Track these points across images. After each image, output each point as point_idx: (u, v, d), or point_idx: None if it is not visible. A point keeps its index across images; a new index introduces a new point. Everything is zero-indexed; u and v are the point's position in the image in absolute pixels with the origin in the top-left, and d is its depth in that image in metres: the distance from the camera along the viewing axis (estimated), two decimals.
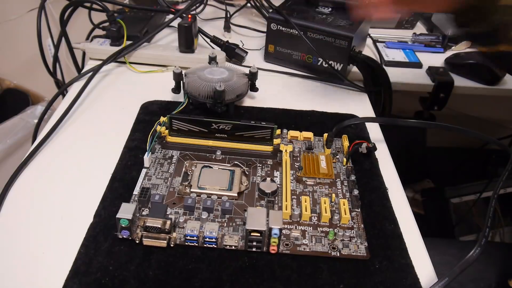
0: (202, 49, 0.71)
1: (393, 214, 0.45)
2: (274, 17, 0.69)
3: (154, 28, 0.75)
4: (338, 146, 0.54)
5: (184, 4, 0.88)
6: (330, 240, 0.41)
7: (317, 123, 0.58)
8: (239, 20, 0.90)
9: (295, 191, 0.47)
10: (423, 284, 0.38)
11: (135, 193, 0.45)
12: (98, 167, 0.49)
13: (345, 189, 0.47)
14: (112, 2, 0.72)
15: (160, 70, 0.69)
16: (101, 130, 0.55)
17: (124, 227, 0.38)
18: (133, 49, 0.68)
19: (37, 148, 0.50)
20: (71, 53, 0.77)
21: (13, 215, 0.43)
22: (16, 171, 0.47)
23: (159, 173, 0.47)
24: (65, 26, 0.71)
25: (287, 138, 0.54)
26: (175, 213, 0.43)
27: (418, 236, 0.44)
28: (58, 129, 0.54)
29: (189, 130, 0.50)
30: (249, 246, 0.39)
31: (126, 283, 0.36)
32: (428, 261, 0.41)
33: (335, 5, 0.72)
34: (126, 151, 0.51)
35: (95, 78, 0.64)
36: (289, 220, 0.43)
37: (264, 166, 0.50)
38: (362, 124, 0.58)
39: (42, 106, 1.09)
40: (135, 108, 0.59)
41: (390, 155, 0.55)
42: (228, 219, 0.43)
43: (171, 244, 0.39)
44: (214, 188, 0.45)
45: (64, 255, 0.39)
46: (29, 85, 1.18)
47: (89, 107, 0.59)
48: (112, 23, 0.68)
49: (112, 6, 0.77)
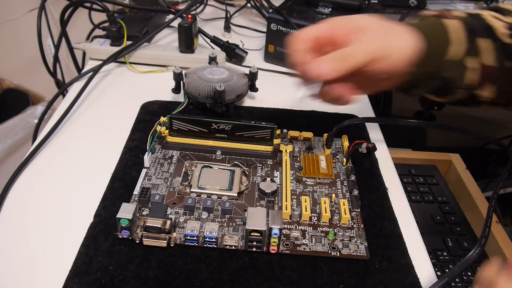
0: (202, 49, 0.71)
1: (393, 214, 0.45)
2: (274, 17, 0.69)
3: (154, 28, 0.75)
4: (338, 146, 0.54)
5: (184, 4, 0.88)
6: (330, 240, 0.41)
7: (317, 123, 0.58)
8: (239, 20, 0.90)
9: (295, 191, 0.47)
10: (423, 284, 0.38)
11: (135, 193, 0.45)
12: (98, 167, 0.49)
13: (345, 189, 0.47)
14: (112, 2, 0.72)
15: (160, 70, 0.69)
16: (101, 130, 0.55)
17: (124, 227, 0.38)
18: (133, 49, 0.68)
19: (37, 148, 0.50)
20: (71, 53, 0.77)
21: (13, 215, 0.43)
22: (16, 171, 0.47)
23: (159, 173, 0.47)
24: (65, 26, 0.71)
25: (287, 138, 0.54)
26: (175, 213, 0.43)
27: (418, 236, 0.44)
28: (58, 129, 0.54)
29: (189, 130, 0.50)
30: (249, 246, 0.39)
31: (126, 283, 0.36)
32: (428, 261, 0.41)
33: (335, 5, 0.72)
34: (126, 151, 0.51)
35: (95, 78, 0.64)
36: (289, 220, 0.43)
37: (264, 166, 0.50)
38: (362, 124, 0.58)
39: (42, 106, 1.09)
40: (135, 108, 0.59)
41: (390, 155, 0.55)
42: (228, 219, 0.43)
43: (171, 244, 0.39)
44: (214, 188, 0.45)
45: (64, 255, 0.39)
46: (29, 85, 1.18)
47: (89, 107, 0.59)
48: (112, 23, 0.68)
49: (112, 6, 0.77)
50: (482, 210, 0.63)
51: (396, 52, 0.40)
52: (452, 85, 0.43)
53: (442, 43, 0.42)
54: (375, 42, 0.39)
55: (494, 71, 0.42)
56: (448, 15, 0.43)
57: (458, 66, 0.42)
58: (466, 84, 0.43)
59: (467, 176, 0.69)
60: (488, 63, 0.42)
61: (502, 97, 0.45)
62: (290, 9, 0.70)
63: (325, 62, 0.38)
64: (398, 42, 0.40)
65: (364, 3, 0.72)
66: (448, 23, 0.42)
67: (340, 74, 0.39)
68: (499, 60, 0.42)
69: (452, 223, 0.63)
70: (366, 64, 0.39)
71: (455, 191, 0.69)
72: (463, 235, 0.61)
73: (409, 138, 1.01)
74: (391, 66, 0.40)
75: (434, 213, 0.64)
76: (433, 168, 0.72)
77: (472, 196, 0.65)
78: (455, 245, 0.59)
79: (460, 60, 0.42)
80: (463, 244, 0.59)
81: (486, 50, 0.42)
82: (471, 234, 0.61)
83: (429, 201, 0.66)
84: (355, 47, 0.39)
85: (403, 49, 0.40)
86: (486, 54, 0.42)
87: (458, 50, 0.42)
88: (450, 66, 0.42)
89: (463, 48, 0.42)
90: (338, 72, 0.38)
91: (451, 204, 0.66)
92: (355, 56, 0.39)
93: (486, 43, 0.42)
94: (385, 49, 0.40)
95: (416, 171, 0.71)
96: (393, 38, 0.40)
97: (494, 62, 0.42)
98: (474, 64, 0.42)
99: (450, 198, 0.67)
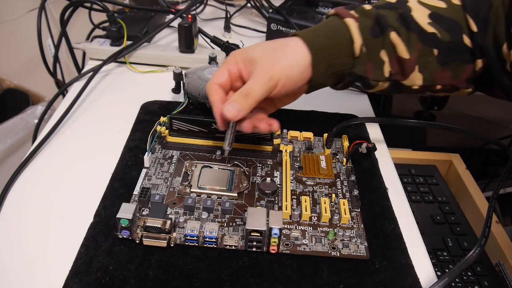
0: (202, 49, 0.71)
1: (393, 214, 0.45)
2: (274, 17, 0.69)
3: (154, 28, 0.75)
4: (338, 146, 0.54)
5: (184, 4, 0.88)
6: (330, 240, 0.41)
7: (317, 123, 0.58)
8: (239, 20, 0.90)
9: (295, 191, 0.47)
10: (423, 284, 0.38)
11: (135, 193, 0.45)
12: (98, 167, 0.49)
13: (345, 189, 0.47)
14: (112, 2, 0.72)
15: (160, 70, 0.69)
16: (101, 130, 0.55)
17: (124, 227, 0.38)
18: (133, 49, 0.68)
19: (37, 148, 0.50)
20: (71, 53, 0.77)
21: (13, 215, 0.43)
22: (16, 171, 0.47)
23: (159, 173, 0.47)
24: (65, 26, 0.71)
25: (287, 138, 0.54)
26: (175, 213, 0.43)
27: (418, 236, 0.44)
28: (58, 129, 0.54)
29: (189, 130, 0.50)
30: (249, 246, 0.39)
31: (126, 283, 0.36)
32: (428, 261, 0.41)
33: (335, 5, 0.72)
34: (126, 151, 0.51)
35: (95, 78, 0.64)
36: (289, 220, 0.43)
37: (264, 166, 0.50)
38: (362, 124, 0.58)
39: (42, 106, 1.09)
40: (135, 108, 0.59)
41: (390, 155, 0.55)
42: (228, 219, 0.43)
43: (171, 244, 0.39)
44: (214, 188, 0.45)
45: (64, 255, 0.39)
46: (29, 85, 1.18)
47: (89, 107, 0.59)
48: (112, 23, 0.68)
49: (112, 6, 0.77)
50: (482, 210, 0.63)
51: (289, 71, 0.41)
52: (367, 79, 0.45)
53: (344, 43, 0.43)
54: (266, 72, 0.41)
55: (412, 62, 0.43)
56: (347, 14, 0.44)
57: (363, 62, 0.43)
58: (386, 77, 0.45)
59: (467, 176, 0.69)
60: (403, 56, 0.43)
61: (432, 85, 0.46)
62: (290, 9, 0.70)
63: (231, 106, 0.40)
64: (288, 62, 0.42)
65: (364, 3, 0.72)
66: (349, 22, 0.43)
67: (248, 111, 0.40)
68: (422, 49, 0.43)
69: (452, 223, 0.63)
70: (268, 93, 0.41)
71: (455, 191, 0.69)
72: (463, 235, 0.61)
73: (409, 138, 1.01)
74: (291, 85, 0.42)
75: (434, 213, 0.64)
76: (433, 168, 0.72)
77: (472, 196, 0.65)
78: (455, 245, 0.59)
79: (368, 56, 0.43)
80: (463, 244, 0.59)
81: (399, 43, 0.43)
82: (471, 234, 0.62)
83: (429, 201, 0.66)
84: (250, 83, 0.40)
85: (294, 66, 0.42)
86: (399, 47, 0.43)
87: (360, 47, 0.43)
88: (358, 63, 0.44)
89: (374, 44, 0.43)
90: (246, 110, 0.40)
91: (451, 204, 0.66)
92: (254, 91, 0.40)
93: (399, 35, 0.43)
94: (278, 74, 0.41)
95: (416, 171, 0.71)
96: (282, 60, 0.41)
97: (408, 54, 0.43)
98: (385, 57, 0.44)
99: (450, 198, 0.67)
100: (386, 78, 0.45)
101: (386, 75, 0.45)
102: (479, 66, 0.44)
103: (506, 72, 0.43)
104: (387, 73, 0.44)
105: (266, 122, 0.43)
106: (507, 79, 0.43)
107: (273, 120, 0.44)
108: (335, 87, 0.47)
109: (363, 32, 0.43)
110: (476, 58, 0.44)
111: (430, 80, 0.45)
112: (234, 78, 0.43)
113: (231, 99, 0.40)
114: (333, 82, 0.46)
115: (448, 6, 0.44)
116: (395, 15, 0.44)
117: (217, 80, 0.42)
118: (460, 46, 0.44)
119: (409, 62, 0.43)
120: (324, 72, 0.44)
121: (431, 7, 0.44)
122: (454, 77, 0.45)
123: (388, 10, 0.44)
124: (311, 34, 0.43)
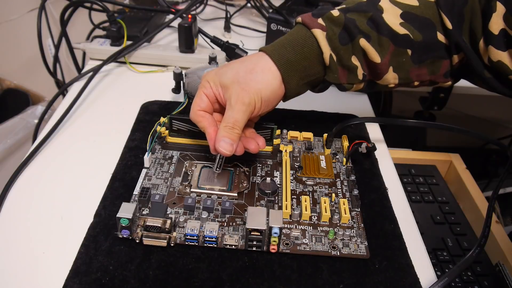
0: (202, 49, 0.71)
1: (393, 214, 0.45)
2: (274, 17, 0.69)
3: (154, 28, 0.75)
4: (338, 146, 0.54)
5: (184, 4, 0.88)
6: (330, 239, 0.41)
7: (317, 123, 0.58)
8: (239, 20, 0.90)
9: (295, 191, 0.47)
10: (423, 284, 0.38)
11: (135, 193, 0.45)
12: (98, 167, 0.49)
13: (345, 189, 0.47)
14: (112, 2, 0.72)
15: (160, 70, 0.69)
16: (101, 130, 0.55)
17: (125, 226, 0.38)
18: (133, 49, 0.68)
19: (37, 148, 0.50)
20: (71, 53, 0.77)
21: (13, 215, 0.43)
22: (16, 171, 0.47)
23: (159, 173, 0.47)
24: (65, 26, 0.71)
25: (287, 138, 0.54)
26: (175, 212, 0.43)
27: (418, 236, 0.44)
28: (58, 129, 0.54)
29: (189, 130, 0.50)
30: (249, 246, 0.39)
31: (126, 283, 0.36)
32: (428, 261, 0.41)
33: (335, 5, 0.71)
34: (126, 151, 0.51)
35: (95, 78, 0.64)
36: (289, 220, 0.43)
37: (264, 166, 0.50)
38: (362, 124, 0.58)
39: (42, 106, 1.09)
40: (135, 108, 0.59)
41: (390, 155, 0.55)
42: (228, 219, 0.43)
43: (171, 243, 0.39)
44: (214, 188, 0.45)
45: (64, 255, 0.39)
46: (29, 85, 1.18)
47: (89, 107, 0.59)
48: (112, 23, 0.68)
49: (112, 6, 0.77)
50: (482, 210, 0.63)
51: (263, 94, 0.43)
52: (340, 84, 0.46)
53: (314, 55, 0.44)
54: (242, 100, 0.42)
55: (384, 65, 0.44)
56: (315, 24, 0.44)
57: (334, 70, 0.44)
58: (360, 79, 0.46)
59: (467, 176, 0.69)
60: (374, 60, 0.44)
61: (409, 82, 0.47)
62: (290, 9, 0.70)
63: (223, 142, 0.41)
64: (260, 86, 0.43)
65: None
66: (316, 33, 0.43)
67: (238, 140, 0.42)
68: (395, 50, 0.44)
69: (452, 223, 0.63)
70: (249, 117, 0.43)
71: (455, 191, 0.69)
72: (463, 235, 0.61)
73: (409, 138, 1.01)
74: (268, 104, 0.44)
75: (434, 213, 0.64)
76: (433, 168, 0.72)
77: (472, 196, 0.65)
78: (455, 245, 0.59)
79: (340, 63, 0.44)
80: (463, 244, 0.59)
81: (369, 48, 0.43)
82: (471, 234, 0.62)
83: (429, 201, 0.66)
84: (232, 114, 0.42)
85: (267, 88, 0.43)
86: (370, 51, 0.43)
87: (329, 57, 0.43)
88: (329, 72, 0.44)
89: (344, 51, 0.43)
90: (237, 141, 0.42)
91: (451, 204, 0.66)
92: (238, 121, 0.42)
93: (369, 40, 0.43)
94: (254, 98, 0.42)
95: (416, 171, 0.71)
96: (254, 85, 0.43)
97: (379, 58, 0.44)
98: (357, 62, 0.44)
99: (450, 198, 0.67)
100: (361, 80, 0.46)
101: (360, 78, 0.45)
102: (456, 61, 0.44)
103: (485, 65, 0.43)
104: (360, 76, 0.45)
105: (254, 140, 0.45)
106: (487, 72, 0.43)
107: (259, 138, 0.46)
108: (313, 91, 0.49)
109: (331, 41, 0.43)
110: (452, 54, 0.44)
111: (406, 78, 0.46)
112: (212, 101, 0.45)
113: (220, 134, 0.41)
114: (308, 89, 0.48)
115: (420, 4, 0.44)
116: (365, 19, 0.44)
117: (199, 107, 0.44)
118: (434, 44, 0.44)
119: (381, 65, 0.44)
120: (297, 84, 0.45)
121: (403, 5, 0.44)
122: (431, 73, 0.46)
123: (357, 14, 0.44)
124: (279, 50, 0.44)
